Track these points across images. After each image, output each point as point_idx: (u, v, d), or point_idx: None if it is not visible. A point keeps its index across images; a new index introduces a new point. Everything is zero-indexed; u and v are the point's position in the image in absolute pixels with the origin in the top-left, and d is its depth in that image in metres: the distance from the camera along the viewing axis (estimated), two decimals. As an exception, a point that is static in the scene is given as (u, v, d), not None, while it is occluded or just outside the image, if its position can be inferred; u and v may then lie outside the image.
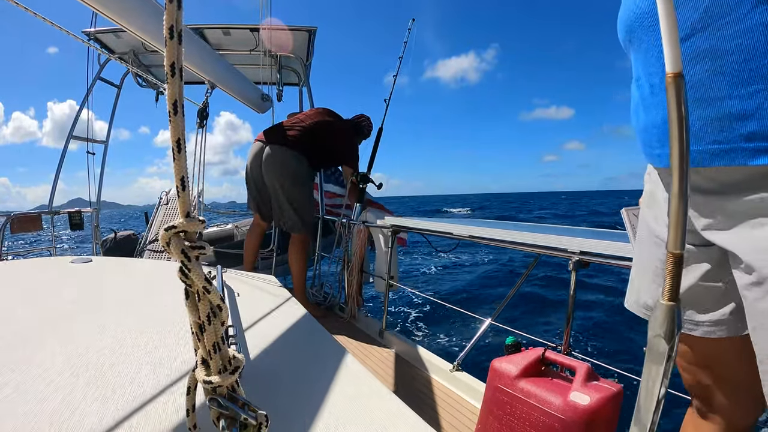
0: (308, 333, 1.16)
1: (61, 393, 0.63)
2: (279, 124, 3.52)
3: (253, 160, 3.40)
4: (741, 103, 0.61)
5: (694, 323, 0.89)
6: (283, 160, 3.27)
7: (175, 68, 0.38)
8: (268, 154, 3.29)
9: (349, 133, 3.63)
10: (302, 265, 3.47)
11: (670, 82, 0.40)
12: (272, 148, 3.29)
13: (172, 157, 0.41)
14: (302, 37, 4.35)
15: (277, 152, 3.27)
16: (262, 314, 1.22)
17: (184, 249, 0.43)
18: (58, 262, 1.70)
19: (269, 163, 3.29)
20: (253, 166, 3.42)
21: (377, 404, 0.76)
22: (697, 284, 0.85)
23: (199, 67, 3.24)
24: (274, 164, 3.28)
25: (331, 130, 3.48)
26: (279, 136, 3.35)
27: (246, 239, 3.82)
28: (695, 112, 0.68)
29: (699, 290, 0.86)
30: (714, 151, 0.67)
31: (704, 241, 0.80)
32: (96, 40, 4.18)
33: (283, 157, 3.27)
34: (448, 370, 2.39)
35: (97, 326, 0.91)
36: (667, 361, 0.42)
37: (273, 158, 3.28)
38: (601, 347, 5.59)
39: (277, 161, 3.27)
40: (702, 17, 0.64)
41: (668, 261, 0.42)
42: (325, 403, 0.73)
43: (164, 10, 0.37)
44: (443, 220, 3.06)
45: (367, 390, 0.81)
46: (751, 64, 0.59)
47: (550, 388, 1.40)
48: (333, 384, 0.81)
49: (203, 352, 0.47)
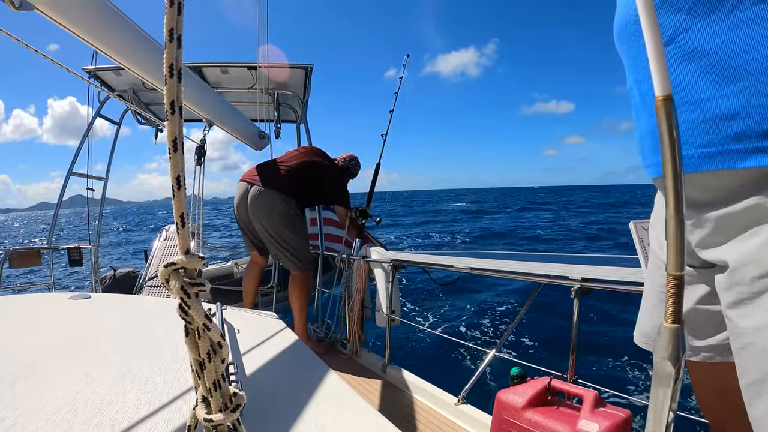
0: (309, 369, 1.14)
1: (59, 429, 0.62)
2: (267, 162, 3.51)
3: (240, 202, 3.35)
4: (727, 102, 0.59)
5: (693, 348, 0.86)
6: (268, 203, 3.22)
7: (175, 106, 0.39)
8: (254, 197, 3.23)
9: (338, 177, 3.63)
10: (303, 302, 3.43)
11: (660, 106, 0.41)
12: (258, 191, 3.23)
13: (172, 193, 0.41)
14: (299, 74, 4.42)
15: (264, 195, 3.22)
16: (263, 351, 1.21)
17: (184, 286, 0.43)
18: (56, 298, 1.69)
19: (255, 207, 3.23)
20: (240, 207, 3.37)
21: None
22: (694, 308, 0.84)
23: (198, 105, 3.28)
24: (259, 208, 3.23)
25: (320, 173, 3.48)
26: (265, 176, 3.30)
27: (244, 278, 3.79)
28: (682, 117, 0.66)
29: (697, 315, 0.84)
30: (702, 155, 0.65)
31: (704, 262, 0.78)
32: (96, 78, 4.24)
33: (269, 198, 3.22)
34: (453, 404, 2.35)
35: (96, 363, 0.90)
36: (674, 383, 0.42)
37: (258, 202, 3.22)
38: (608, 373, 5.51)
39: (262, 203, 3.22)
40: (685, 18, 0.63)
41: (669, 283, 0.42)
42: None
43: (164, 49, 0.38)
44: (444, 253, 3.07)
45: (372, 426, 0.80)
46: (735, 61, 0.58)
47: (557, 418, 1.37)
48: (337, 421, 0.80)
49: (203, 389, 0.46)
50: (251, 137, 4.24)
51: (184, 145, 0.41)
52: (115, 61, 2.12)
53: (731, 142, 0.60)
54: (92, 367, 0.88)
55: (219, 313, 1.34)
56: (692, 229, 0.75)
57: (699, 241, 0.75)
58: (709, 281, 0.80)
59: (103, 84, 4.39)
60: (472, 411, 2.25)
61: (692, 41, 0.63)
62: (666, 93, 0.40)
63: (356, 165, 3.81)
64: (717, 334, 0.82)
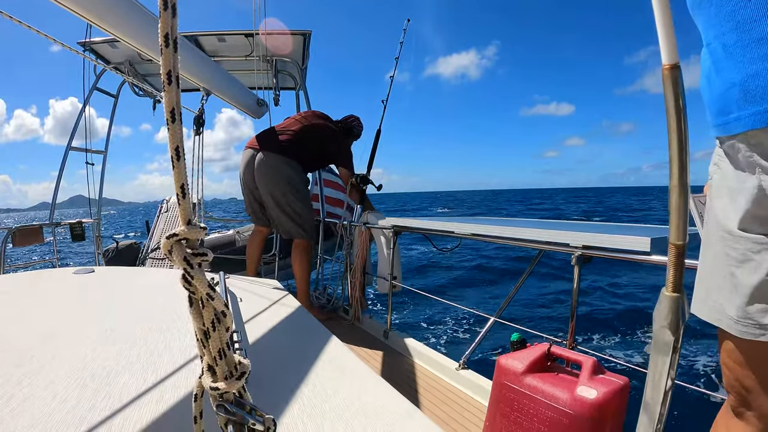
0: (312, 336, 1.15)
1: (69, 404, 0.63)
2: (269, 129, 3.50)
3: (246, 168, 3.38)
4: None
5: (759, 326, 0.80)
6: (275, 166, 3.25)
7: (172, 76, 0.38)
8: (260, 162, 3.26)
9: (341, 137, 3.61)
10: (305, 270, 3.46)
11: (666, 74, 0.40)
12: (264, 155, 3.26)
13: (172, 165, 0.41)
14: (297, 40, 4.35)
15: (269, 159, 3.25)
16: (266, 319, 1.23)
17: (187, 256, 0.43)
18: (60, 273, 1.71)
19: (262, 172, 3.26)
20: (246, 173, 3.39)
21: (385, 404, 0.76)
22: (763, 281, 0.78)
23: (195, 75, 3.24)
24: (266, 172, 3.25)
25: (322, 134, 3.46)
26: (270, 142, 3.32)
27: (247, 246, 3.81)
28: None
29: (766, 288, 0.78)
30: None
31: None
32: (91, 51, 4.17)
33: (275, 163, 3.25)
34: (454, 369, 2.39)
35: (102, 336, 0.91)
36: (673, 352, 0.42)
37: (265, 166, 3.25)
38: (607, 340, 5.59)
39: (269, 169, 3.25)
40: None
41: (670, 253, 0.42)
42: (331, 405, 0.72)
43: (158, 18, 0.37)
44: (445, 219, 3.06)
45: (374, 391, 0.81)
46: None
47: (556, 383, 1.40)
48: (339, 386, 0.81)
49: (209, 358, 0.47)
50: (250, 105, 4.19)
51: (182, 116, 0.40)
52: (109, 34, 2.08)
53: None
54: (99, 340, 0.89)
55: (222, 282, 1.35)
56: None
57: None
58: None
59: (98, 57, 4.31)
60: (472, 376, 2.29)
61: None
62: (673, 61, 0.39)
63: (359, 125, 3.77)
64: None
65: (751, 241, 0.79)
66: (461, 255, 12.65)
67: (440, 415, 2.04)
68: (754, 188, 0.75)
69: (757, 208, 0.77)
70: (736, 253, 0.81)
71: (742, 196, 0.78)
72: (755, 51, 0.67)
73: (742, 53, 0.69)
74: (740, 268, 0.81)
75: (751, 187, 0.76)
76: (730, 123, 0.76)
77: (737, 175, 0.81)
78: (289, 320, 1.26)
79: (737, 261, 0.81)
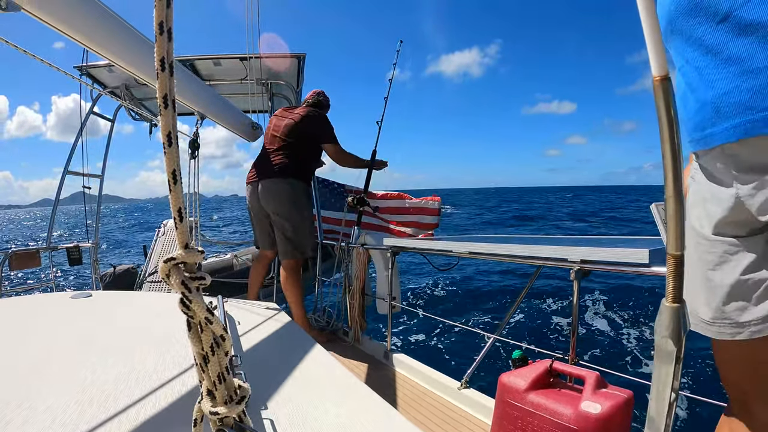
0: (312, 358, 1.14)
1: (67, 429, 0.63)
2: (260, 156, 3.55)
3: (252, 200, 3.49)
4: None
5: (738, 325, 0.85)
6: (274, 191, 3.35)
7: (168, 100, 0.38)
8: (263, 190, 3.37)
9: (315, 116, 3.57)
10: (297, 291, 3.45)
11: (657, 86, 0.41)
12: (264, 183, 3.37)
13: (168, 188, 0.41)
14: (292, 63, 4.40)
15: (270, 185, 3.36)
16: (265, 342, 1.22)
17: (185, 280, 0.43)
18: (58, 297, 1.69)
19: (266, 200, 3.37)
20: (252, 204, 3.50)
21: (387, 426, 0.75)
22: (739, 280, 0.83)
23: (190, 99, 3.27)
24: (270, 198, 3.36)
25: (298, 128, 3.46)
26: (266, 169, 3.41)
27: (251, 270, 3.82)
28: (744, 84, 0.69)
29: (742, 286, 0.83)
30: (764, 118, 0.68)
31: (751, 230, 0.80)
32: (88, 75, 4.20)
33: (274, 188, 3.35)
34: (456, 388, 2.36)
35: (100, 361, 0.91)
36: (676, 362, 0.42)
37: (268, 192, 3.36)
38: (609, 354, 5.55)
39: (271, 194, 3.36)
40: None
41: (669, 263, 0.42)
42: (333, 428, 0.72)
43: (154, 43, 0.37)
44: (443, 238, 3.06)
45: (376, 412, 0.80)
46: None
47: (560, 399, 1.38)
48: (341, 408, 0.80)
49: (208, 383, 0.46)
50: (244, 129, 4.23)
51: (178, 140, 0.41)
52: (105, 59, 2.11)
53: None
54: (97, 365, 0.88)
55: (220, 305, 1.34)
56: (754, 192, 0.76)
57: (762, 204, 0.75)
58: (755, 249, 0.81)
59: (95, 81, 4.35)
60: (475, 395, 2.27)
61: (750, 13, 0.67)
62: (663, 73, 0.40)
63: (325, 97, 3.76)
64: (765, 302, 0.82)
65: (727, 244, 0.85)
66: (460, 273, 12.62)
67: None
68: (731, 197, 0.81)
69: (733, 215, 0.82)
70: (713, 257, 0.88)
71: (718, 205, 0.84)
72: (724, 72, 0.73)
73: (713, 74, 0.75)
74: (717, 271, 0.87)
75: (727, 197, 0.82)
76: (706, 138, 0.82)
77: (711, 186, 0.87)
78: (288, 343, 1.25)
79: (713, 264, 0.87)
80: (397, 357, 2.96)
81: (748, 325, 0.84)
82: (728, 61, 0.72)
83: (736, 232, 0.84)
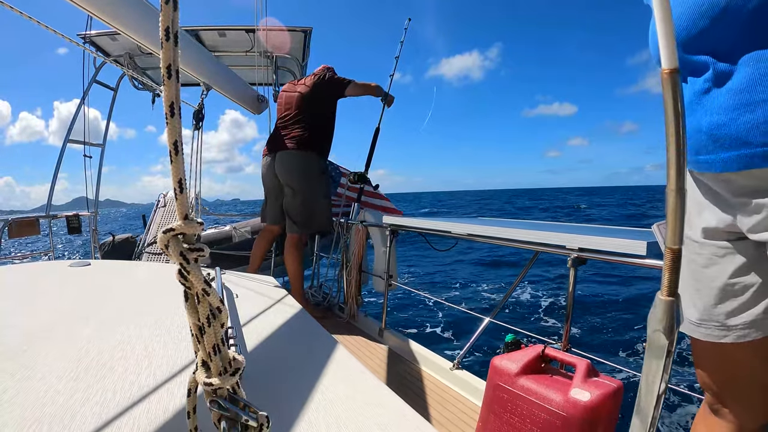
0: (307, 333, 1.15)
1: (62, 397, 0.63)
2: (275, 129, 3.55)
3: (267, 172, 3.51)
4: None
5: (725, 328, 0.87)
6: (288, 162, 3.38)
7: (171, 70, 0.38)
8: (277, 162, 3.40)
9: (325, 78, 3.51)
10: (298, 266, 3.46)
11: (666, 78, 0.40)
12: (278, 156, 3.40)
13: (170, 159, 0.41)
14: (298, 37, 4.35)
15: (284, 158, 3.39)
16: (261, 315, 1.22)
17: (183, 251, 0.43)
18: (56, 266, 1.70)
19: (280, 170, 3.40)
20: (267, 177, 3.53)
21: (378, 403, 0.76)
22: (727, 283, 0.85)
23: (195, 69, 3.24)
24: (284, 170, 3.39)
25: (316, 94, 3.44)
26: (280, 141, 3.41)
27: (255, 243, 3.83)
28: (742, 117, 0.70)
29: (730, 289, 0.85)
30: (763, 154, 0.69)
31: (740, 236, 0.81)
32: (91, 43, 4.15)
33: (289, 159, 3.38)
34: (449, 369, 2.39)
35: (96, 330, 0.91)
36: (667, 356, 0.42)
37: (281, 164, 3.39)
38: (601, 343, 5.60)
39: (285, 166, 3.38)
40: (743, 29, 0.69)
41: (666, 256, 0.42)
42: (325, 403, 0.72)
43: (159, 12, 0.37)
44: (442, 219, 3.06)
45: (368, 389, 0.81)
46: None
47: (550, 385, 1.40)
48: (333, 384, 0.81)
49: (203, 354, 0.47)
50: (250, 101, 4.19)
51: (181, 110, 0.40)
52: (109, 26, 2.08)
53: None
54: (93, 334, 0.89)
55: (218, 277, 1.35)
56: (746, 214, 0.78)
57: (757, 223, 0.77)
58: (744, 252, 0.83)
59: (98, 49, 4.30)
60: (466, 376, 2.29)
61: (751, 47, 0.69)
62: (673, 66, 0.39)
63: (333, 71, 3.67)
64: (752, 308, 0.84)
65: (716, 246, 0.87)
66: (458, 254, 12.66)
67: (434, 415, 2.04)
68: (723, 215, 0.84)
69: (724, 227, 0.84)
70: (702, 259, 0.90)
71: (711, 214, 0.86)
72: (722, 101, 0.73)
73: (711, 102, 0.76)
74: (705, 272, 0.89)
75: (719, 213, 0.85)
76: (699, 163, 0.83)
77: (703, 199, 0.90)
78: (284, 317, 1.25)
79: (702, 266, 0.90)
80: (392, 335, 2.99)
81: (735, 329, 0.86)
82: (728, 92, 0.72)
83: (726, 237, 0.85)
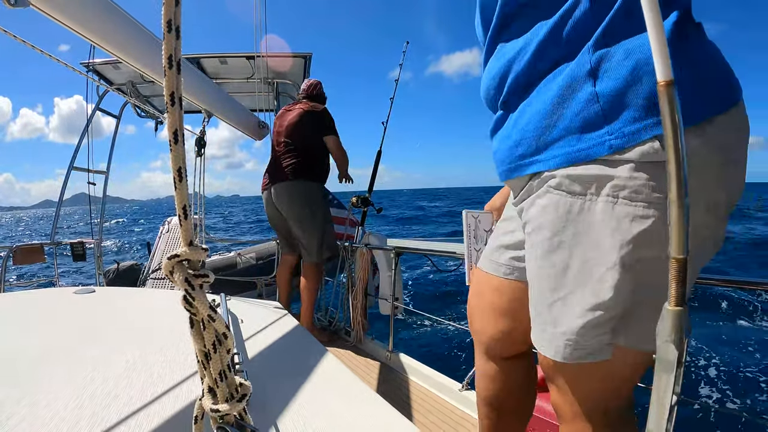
0: (314, 358, 1.15)
1: (66, 425, 0.63)
2: (270, 160, 3.57)
3: (268, 208, 3.53)
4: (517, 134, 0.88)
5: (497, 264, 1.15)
6: (286, 194, 3.37)
7: (175, 98, 0.39)
8: (275, 195, 3.40)
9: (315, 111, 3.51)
10: (309, 293, 3.45)
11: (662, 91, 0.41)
12: (275, 188, 3.40)
13: (174, 185, 0.41)
14: (298, 62, 4.41)
15: (280, 189, 3.38)
16: (267, 340, 1.22)
17: (188, 278, 0.43)
18: (61, 292, 1.70)
19: (280, 204, 3.40)
20: (269, 211, 3.55)
21: (387, 426, 0.75)
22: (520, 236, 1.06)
23: (197, 97, 3.28)
24: (283, 202, 3.39)
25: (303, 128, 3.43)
26: (276, 174, 3.42)
27: (277, 276, 3.89)
28: (501, 146, 0.94)
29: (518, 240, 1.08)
30: (511, 169, 0.92)
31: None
32: (94, 72, 4.22)
33: (287, 190, 3.37)
34: (457, 390, 2.36)
35: (102, 357, 0.91)
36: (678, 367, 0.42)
37: (279, 197, 3.39)
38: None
39: (284, 198, 3.38)
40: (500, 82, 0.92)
41: (672, 266, 0.42)
42: (334, 427, 0.72)
43: (162, 41, 0.37)
44: (446, 240, 3.06)
45: (377, 413, 0.81)
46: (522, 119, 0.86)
47: (561, 403, 1.38)
48: (342, 409, 0.80)
49: (209, 380, 0.47)
50: (251, 127, 4.23)
51: (185, 137, 0.41)
52: (112, 56, 2.11)
53: (519, 159, 0.88)
54: (98, 361, 0.88)
55: (223, 303, 1.34)
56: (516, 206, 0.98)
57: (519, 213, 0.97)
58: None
59: (101, 78, 4.37)
60: (475, 397, 2.26)
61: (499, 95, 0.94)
62: (668, 78, 0.40)
63: (321, 88, 3.69)
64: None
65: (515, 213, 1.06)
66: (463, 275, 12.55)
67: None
68: None
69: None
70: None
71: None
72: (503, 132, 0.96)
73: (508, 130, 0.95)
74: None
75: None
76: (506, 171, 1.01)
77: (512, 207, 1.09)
78: (290, 342, 1.25)
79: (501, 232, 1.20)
80: (399, 358, 2.96)
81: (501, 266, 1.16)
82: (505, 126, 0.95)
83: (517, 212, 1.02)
